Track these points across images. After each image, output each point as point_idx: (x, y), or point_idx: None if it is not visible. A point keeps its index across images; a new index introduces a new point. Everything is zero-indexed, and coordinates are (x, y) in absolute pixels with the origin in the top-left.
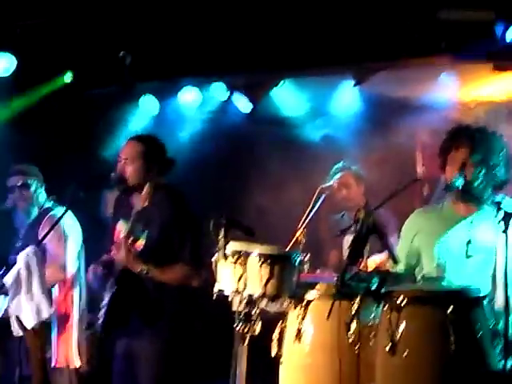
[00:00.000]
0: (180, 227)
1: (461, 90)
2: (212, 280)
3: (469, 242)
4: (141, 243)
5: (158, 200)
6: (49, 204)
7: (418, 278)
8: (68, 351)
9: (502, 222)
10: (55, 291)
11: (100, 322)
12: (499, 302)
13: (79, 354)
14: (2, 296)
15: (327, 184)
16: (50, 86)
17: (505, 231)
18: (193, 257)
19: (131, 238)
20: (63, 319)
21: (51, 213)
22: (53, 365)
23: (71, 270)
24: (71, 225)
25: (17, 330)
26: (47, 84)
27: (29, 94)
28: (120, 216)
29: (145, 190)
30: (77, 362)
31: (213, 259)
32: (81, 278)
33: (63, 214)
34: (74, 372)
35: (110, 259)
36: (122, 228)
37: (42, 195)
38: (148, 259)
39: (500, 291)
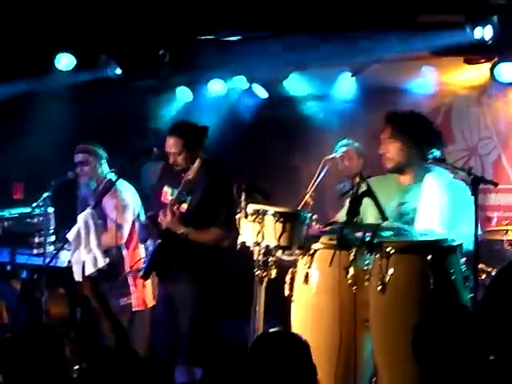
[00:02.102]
0: (216, 197)
1: (438, 79)
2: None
3: (403, 204)
4: (184, 206)
5: (200, 173)
6: (111, 176)
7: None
8: (145, 294)
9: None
10: (124, 249)
11: (143, 266)
12: None
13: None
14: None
15: (330, 156)
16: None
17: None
18: (226, 223)
19: (177, 204)
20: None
21: (114, 185)
22: (134, 309)
23: (126, 236)
24: (130, 195)
25: (78, 276)
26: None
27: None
28: (166, 182)
29: (195, 164)
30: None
31: (236, 217)
32: None
33: (114, 182)
34: (149, 311)
35: (155, 215)
36: (167, 192)
37: (103, 169)
38: (188, 222)
39: None
